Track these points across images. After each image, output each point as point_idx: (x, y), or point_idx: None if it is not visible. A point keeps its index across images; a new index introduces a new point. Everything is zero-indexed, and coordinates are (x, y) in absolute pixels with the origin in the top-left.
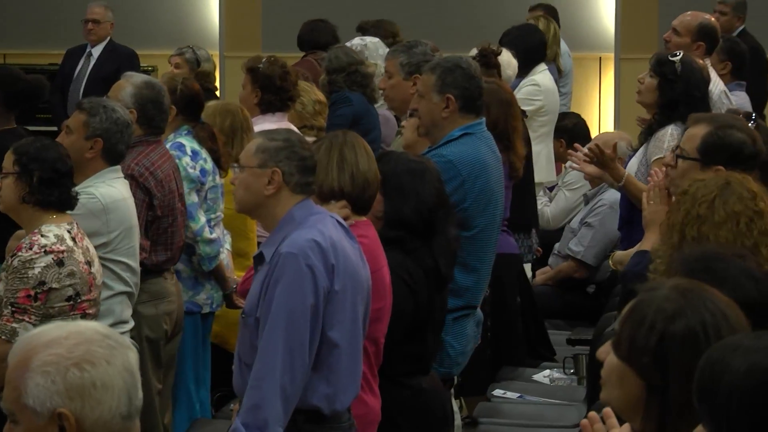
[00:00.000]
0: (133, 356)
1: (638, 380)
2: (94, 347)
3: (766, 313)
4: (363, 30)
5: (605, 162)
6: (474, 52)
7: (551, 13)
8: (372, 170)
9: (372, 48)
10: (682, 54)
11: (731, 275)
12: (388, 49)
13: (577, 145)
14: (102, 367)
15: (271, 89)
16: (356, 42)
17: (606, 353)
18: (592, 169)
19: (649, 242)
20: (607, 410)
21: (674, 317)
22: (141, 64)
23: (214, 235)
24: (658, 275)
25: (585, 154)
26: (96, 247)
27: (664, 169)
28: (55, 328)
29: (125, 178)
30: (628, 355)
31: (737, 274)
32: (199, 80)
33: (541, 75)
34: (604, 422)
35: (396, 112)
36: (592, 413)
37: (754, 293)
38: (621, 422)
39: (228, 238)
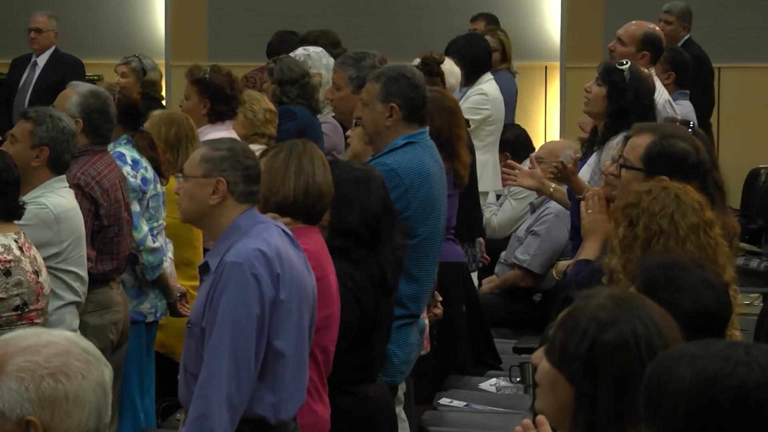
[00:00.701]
0: (108, 373)
1: (569, 387)
2: (71, 360)
3: (722, 323)
4: (305, 41)
5: (567, 176)
6: (417, 61)
7: (492, 22)
8: (327, 183)
9: (315, 58)
10: (629, 63)
11: (690, 284)
12: (331, 59)
13: (510, 162)
14: (77, 381)
15: (222, 99)
16: (299, 52)
17: (539, 358)
18: (529, 182)
19: (589, 251)
20: (540, 418)
21: (606, 326)
22: (87, 74)
23: (156, 244)
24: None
25: (554, 169)
26: (48, 258)
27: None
28: (33, 335)
29: (71, 187)
30: (559, 362)
31: (696, 283)
32: (146, 89)
33: (488, 84)
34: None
35: (346, 124)
36: (526, 420)
37: (712, 303)
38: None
39: (170, 247)
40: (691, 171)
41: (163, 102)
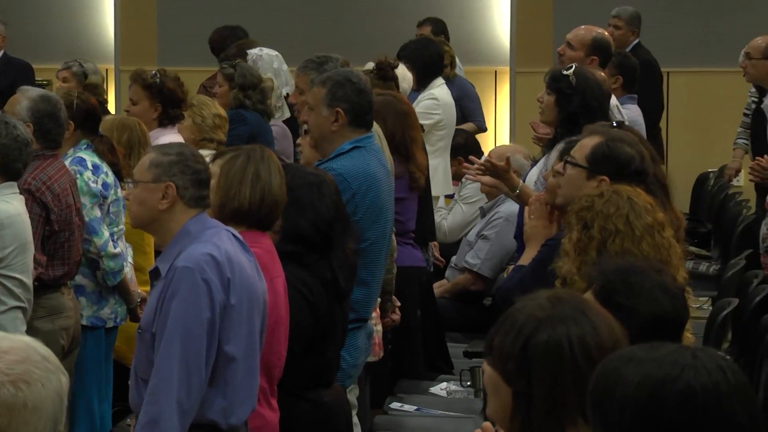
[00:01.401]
0: (65, 381)
1: (507, 387)
2: (32, 367)
3: (679, 327)
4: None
5: (499, 173)
6: (370, 65)
7: (439, 26)
8: (282, 191)
9: (267, 60)
10: (575, 67)
11: (647, 289)
12: (282, 63)
13: (472, 157)
14: (36, 389)
15: (174, 102)
16: (254, 52)
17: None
18: (488, 179)
19: (528, 257)
20: (486, 424)
21: (541, 326)
22: (36, 78)
23: (118, 250)
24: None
25: (478, 167)
26: None
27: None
28: None
29: (21, 192)
30: (497, 362)
31: (653, 287)
32: (89, 93)
33: (439, 89)
34: None
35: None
36: (486, 424)
37: (668, 307)
38: None
39: (130, 251)
40: (633, 176)
41: (109, 106)
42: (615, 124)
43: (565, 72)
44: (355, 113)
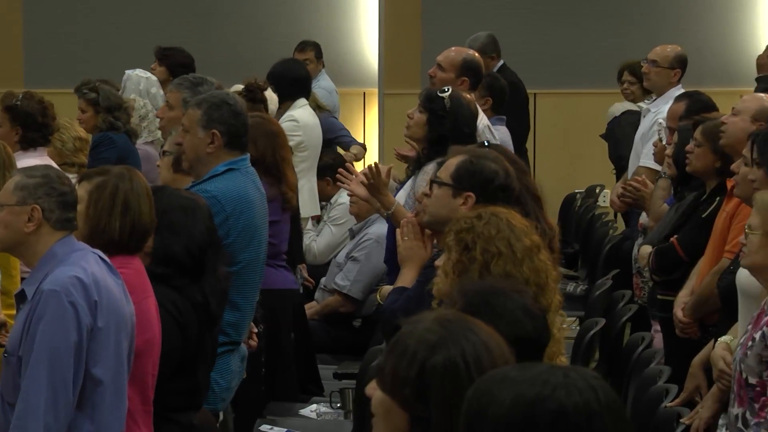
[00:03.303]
0: None
1: (402, 413)
2: None
3: (539, 349)
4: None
5: (378, 186)
6: (239, 87)
7: (319, 50)
8: (151, 217)
9: (134, 81)
10: (451, 90)
11: (509, 310)
12: (153, 86)
13: (348, 165)
14: None
15: (33, 126)
16: (127, 72)
17: (373, 389)
18: (362, 190)
19: (406, 278)
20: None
21: (435, 348)
22: None
23: None
24: None
25: (364, 175)
26: None
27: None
28: None
29: None
30: (391, 388)
31: (514, 309)
32: None
33: (301, 110)
34: None
35: None
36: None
37: (529, 329)
38: None
39: None
40: (497, 192)
41: None
42: (486, 144)
43: (440, 94)
44: (231, 135)
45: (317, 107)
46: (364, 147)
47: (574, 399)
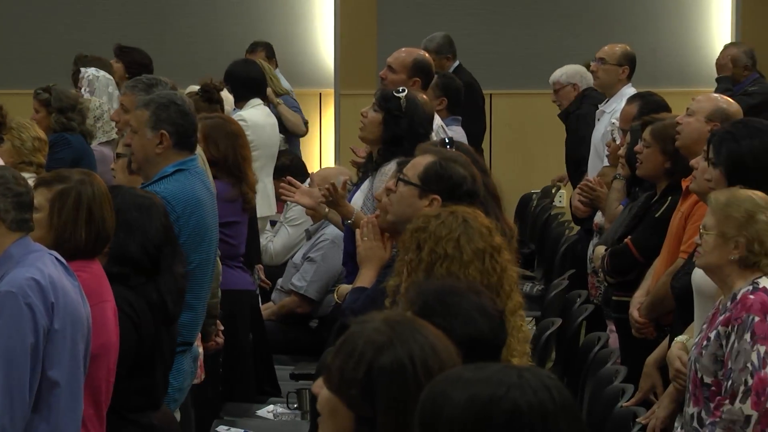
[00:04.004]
0: None
1: (348, 412)
2: None
3: (496, 349)
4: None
5: (336, 200)
6: (195, 88)
7: (271, 50)
8: (112, 223)
9: (103, 83)
10: (407, 91)
11: (464, 310)
12: (108, 84)
13: (289, 178)
14: None
15: None
16: (91, 72)
17: (320, 387)
18: (307, 200)
19: (365, 278)
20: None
21: (382, 349)
22: None
23: None
24: None
25: (323, 195)
26: None
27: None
28: None
29: None
30: (338, 388)
31: (471, 309)
32: None
33: (252, 110)
34: None
35: None
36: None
37: (485, 329)
38: None
39: None
40: (464, 197)
41: None
42: (447, 141)
43: (396, 94)
44: (180, 135)
45: (276, 94)
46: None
47: (529, 399)
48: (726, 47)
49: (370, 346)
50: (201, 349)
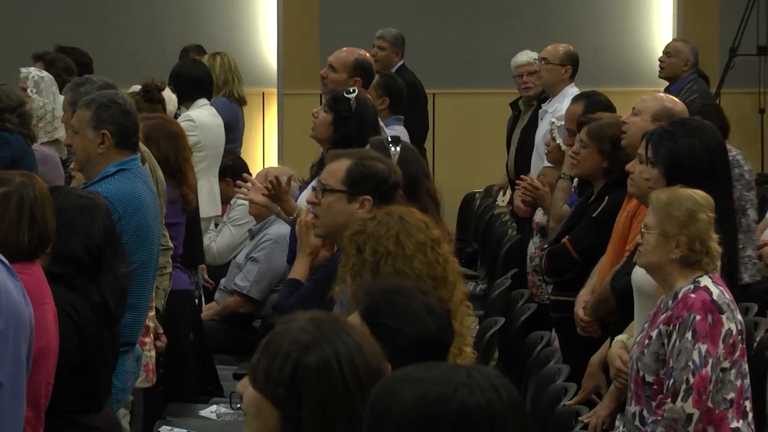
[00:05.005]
0: None
1: (274, 411)
2: None
3: (444, 347)
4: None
5: (279, 195)
6: (136, 88)
7: (201, 51)
8: (54, 227)
9: (48, 83)
10: (357, 92)
11: (413, 310)
12: (51, 84)
13: (245, 175)
14: None
15: None
16: (34, 72)
17: (245, 387)
18: (261, 198)
19: (297, 270)
20: None
21: (308, 348)
22: None
23: None
24: None
25: (266, 188)
26: None
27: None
28: None
29: None
30: (263, 387)
31: (419, 309)
32: None
33: (199, 110)
34: None
35: None
36: None
37: (433, 328)
38: None
39: None
40: (391, 191)
41: None
42: (390, 140)
43: (347, 95)
44: (122, 135)
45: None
46: None
47: (477, 398)
48: (673, 41)
49: (296, 345)
50: (153, 352)
